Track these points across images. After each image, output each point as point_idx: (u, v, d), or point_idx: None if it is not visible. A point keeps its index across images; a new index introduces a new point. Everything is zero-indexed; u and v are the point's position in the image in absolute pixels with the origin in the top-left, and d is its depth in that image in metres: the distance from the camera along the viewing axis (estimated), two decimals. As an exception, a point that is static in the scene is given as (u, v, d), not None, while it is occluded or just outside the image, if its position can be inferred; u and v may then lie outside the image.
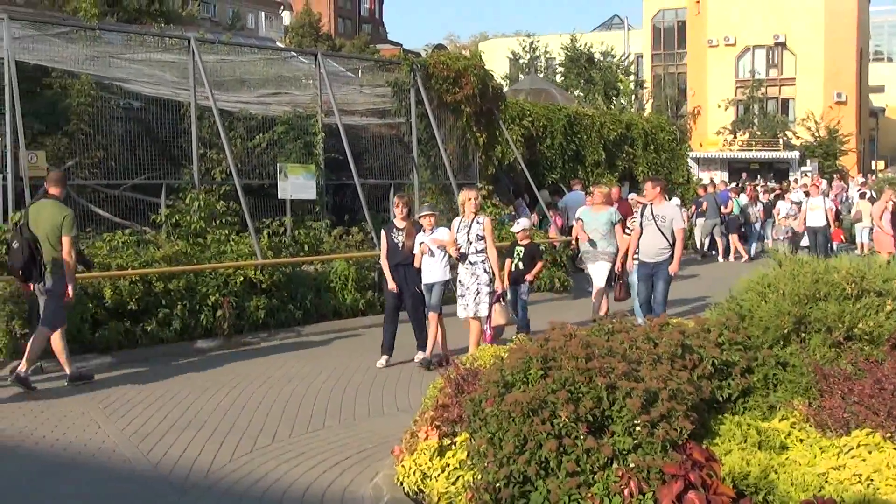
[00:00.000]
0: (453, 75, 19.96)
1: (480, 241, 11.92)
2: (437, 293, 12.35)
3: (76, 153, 16.72)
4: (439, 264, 12.36)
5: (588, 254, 15.46)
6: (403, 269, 12.51)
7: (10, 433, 9.03)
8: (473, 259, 11.92)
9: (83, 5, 24.79)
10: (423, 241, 12.34)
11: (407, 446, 7.27)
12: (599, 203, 15.56)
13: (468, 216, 12.07)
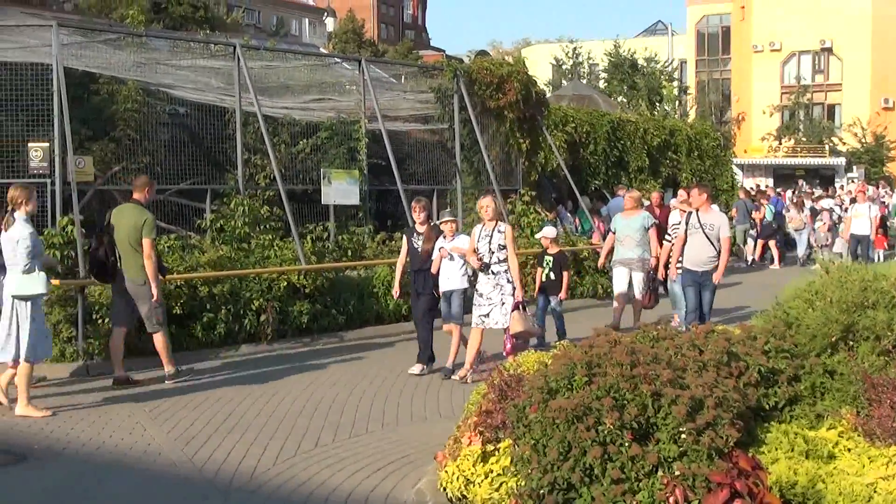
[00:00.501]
0: (497, 81, 19.95)
1: (503, 251, 11.65)
2: (458, 302, 12.19)
3: (123, 158, 16.88)
4: (458, 272, 12.21)
5: (621, 261, 15.04)
6: (423, 275, 12.38)
7: (57, 435, 9.13)
8: (496, 269, 11.64)
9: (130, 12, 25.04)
10: (442, 247, 12.19)
11: (450, 452, 7.26)
12: (631, 208, 15.25)
13: (489, 224, 11.77)
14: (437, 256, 12.15)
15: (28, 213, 10.01)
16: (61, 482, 7.78)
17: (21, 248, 9.78)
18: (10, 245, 9.88)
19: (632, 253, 14.84)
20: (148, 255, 11.18)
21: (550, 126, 22.30)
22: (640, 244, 14.83)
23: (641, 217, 15.06)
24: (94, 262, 11.40)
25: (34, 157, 13.81)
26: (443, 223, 12.40)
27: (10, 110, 15.00)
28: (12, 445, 8.78)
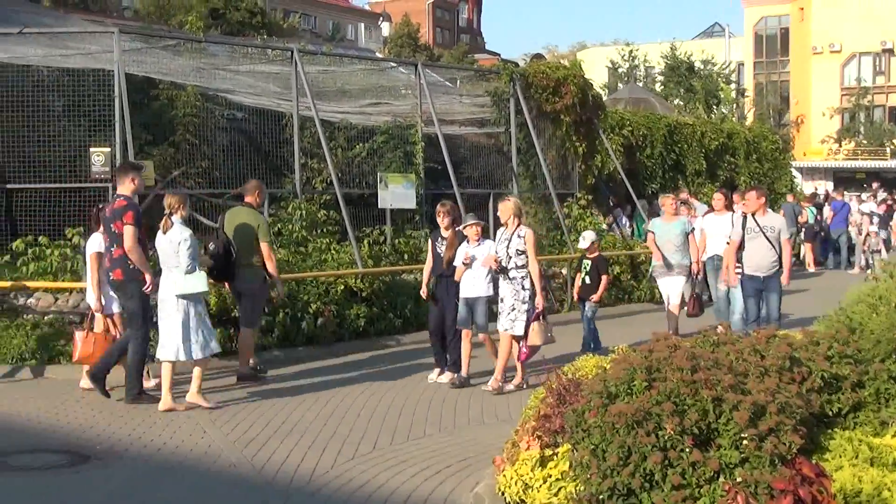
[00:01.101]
0: (553, 84, 19.93)
1: (521, 256, 11.31)
2: (482, 311, 11.68)
3: (182, 163, 17.09)
4: (483, 279, 11.64)
5: (661, 268, 14.34)
6: (444, 281, 12.01)
7: (119, 436, 9.25)
8: (513, 274, 11.33)
9: (189, 18, 25.42)
10: (466, 252, 11.69)
11: (508, 456, 7.26)
12: (671, 213, 14.69)
13: (509, 228, 11.45)
14: (461, 264, 11.68)
15: (183, 217, 10.57)
16: (123, 483, 7.89)
17: (183, 249, 10.32)
18: (171, 247, 10.37)
19: (672, 259, 14.20)
20: (268, 256, 11.78)
21: (607, 129, 22.21)
22: (679, 250, 14.18)
23: (681, 222, 14.51)
24: (214, 264, 11.70)
25: (96, 161, 14.03)
26: (466, 227, 11.85)
27: (73, 116, 15.27)
28: (75, 446, 8.91)
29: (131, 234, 10.40)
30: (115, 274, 10.61)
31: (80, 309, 12.96)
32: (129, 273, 10.51)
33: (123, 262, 10.52)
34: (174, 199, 10.57)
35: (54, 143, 15.08)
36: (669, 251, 14.17)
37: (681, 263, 14.18)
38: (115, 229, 10.52)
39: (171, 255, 10.37)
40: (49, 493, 7.63)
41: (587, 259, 13.78)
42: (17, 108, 14.97)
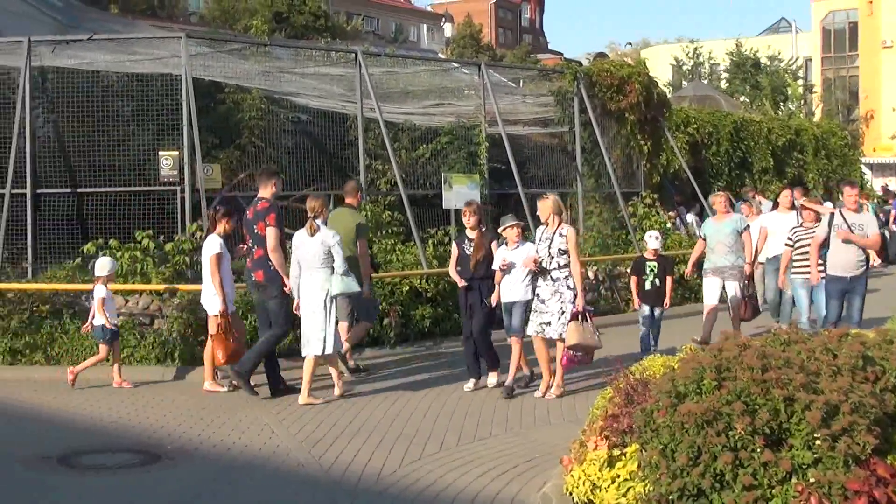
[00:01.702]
0: (617, 83, 19.82)
1: (563, 256, 10.86)
2: (519, 315, 11.18)
3: (248, 166, 17.27)
4: (521, 282, 11.17)
5: (712, 270, 13.53)
6: (474, 285, 11.48)
7: (189, 436, 9.37)
8: (556, 275, 10.87)
9: (254, 23, 25.67)
10: (504, 257, 11.22)
11: (576, 456, 7.22)
12: (722, 211, 13.76)
13: (550, 227, 11.01)
14: (499, 269, 11.21)
15: (325, 220, 10.97)
16: (193, 482, 7.98)
17: (336, 250, 10.74)
18: (321, 249, 10.73)
19: (724, 260, 13.30)
20: (362, 254, 12.01)
21: (672, 127, 22.04)
22: (732, 250, 13.30)
23: (733, 220, 13.61)
24: None
25: (165, 165, 14.25)
26: (505, 229, 11.37)
27: (142, 120, 15.51)
28: (146, 445, 9.04)
29: (274, 235, 10.88)
30: (257, 275, 11.05)
31: (149, 311, 13.16)
32: (269, 274, 10.97)
33: (265, 263, 10.97)
34: (317, 203, 10.95)
35: (123, 148, 15.37)
36: (721, 252, 13.32)
37: (734, 265, 13.32)
38: (258, 231, 10.97)
39: (318, 256, 10.71)
40: (120, 492, 7.74)
41: (650, 261, 13.24)
42: (87, 113, 15.28)
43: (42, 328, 12.96)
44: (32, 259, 13.99)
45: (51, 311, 13.08)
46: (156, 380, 12.15)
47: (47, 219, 14.89)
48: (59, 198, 15.27)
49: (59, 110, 16.13)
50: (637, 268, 13.38)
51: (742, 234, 13.43)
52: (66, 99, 15.74)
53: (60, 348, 12.86)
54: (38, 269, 14.00)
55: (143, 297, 13.26)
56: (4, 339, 12.81)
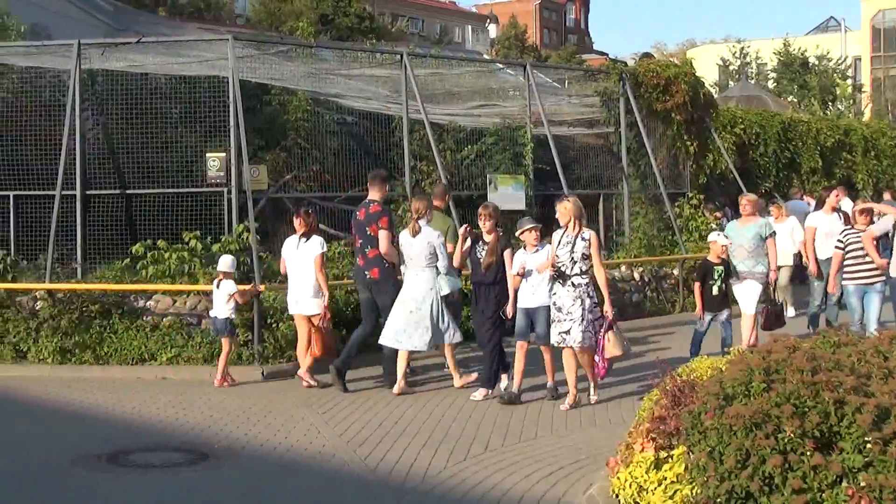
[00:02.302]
0: (663, 83, 19.71)
1: (585, 261, 10.37)
2: (544, 321, 10.69)
3: (293, 167, 17.40)
4: (544, 286, 10.70)
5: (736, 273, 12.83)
6: (485, 289, 11.13)
7: (236, 435, 9.44)
8: (577, 281, 10.35)
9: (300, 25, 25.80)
10: (524, 262, 10.78)
11: (622, 458, 7.20)
12: (747, 214, 13.02)
13: (571, 230, 10.50)
14: (517, 273, 10.78)
15: (428, 221, 11.56)
16: (240, 481, 8.04)
17: (440, 251, 11.32)
18: (427, 248, 11.32)
19: (743, 265, 12.64)
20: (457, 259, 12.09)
21: (718, 128, 21.87)
22: (753, 255, 12.59)
23: (758, 225, 12.86)
24: None
25: (212, 166, 14.37)
26: (523, 233, 10.88)
27: (189, 122, 15.64)
28: (194, 444, 9.12)
29: (387, 237, 11.53)
30: (373, 273, 11.62)
31: (197, 311, 13.28)
32: (384, 272, 11.62)
33: (380, 261, 11.58)
34: (421, 204, 11.58)
35: (171, 149, 15.53)
36: (741, 257, 12.66)
37: (752, 271, 12.60)
38: (370, 232, 11.58)
39: (424, 256, 11.31)
40: (168, 490, 7.82)
41: (718, 265, 12.48)
42: (135, 115, 15.45)
43: (91, 328, 13.12)
44: (82, 259, 14.15)
45: (100, 310, 13.23)
46: (203, 379, 12.24)
47: (96, 220, 15.06)
48: (108, 199, 15.45)
49: (108, 112, 16.33)
50: (703, 272, 12.67)
51: (766, 240, 12.74)
52: (115, 101, 15.94)
53: (109, 348, 13.01)
54: (87, 270, 14.16)
55: (191, 298, 13.38)
56: (55, 339, 12.98)
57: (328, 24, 39.66)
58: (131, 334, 13.04)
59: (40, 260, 14.19)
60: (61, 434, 9.64)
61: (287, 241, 12.18)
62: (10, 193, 15.00)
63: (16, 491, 7.74)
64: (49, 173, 14.55)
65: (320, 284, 11.68)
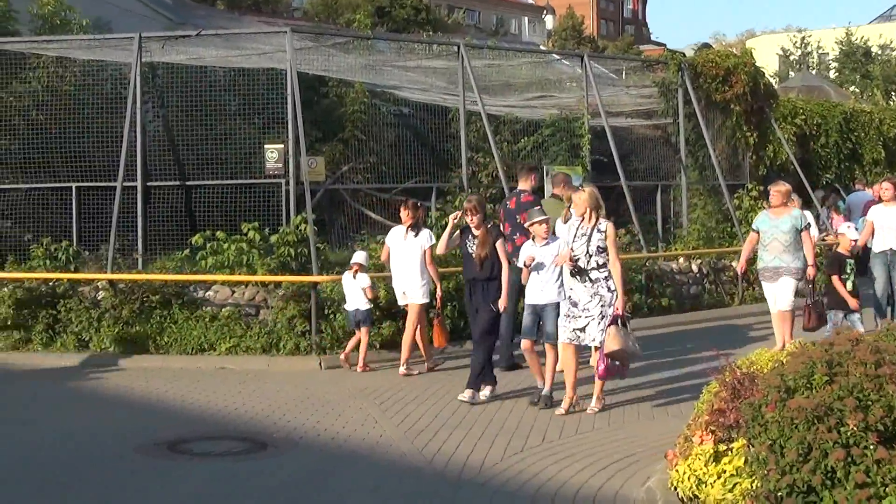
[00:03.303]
0: (722, 73, 19.50)
1: (602, 254, 9.88)
2: (553, 318, 10.14)
3: (350, 159, 17.48)
4: (553, 282, 10.22)
5: (765, 271, 12.09)
6: (480, 286, 10.63)
7: (294, 425, 9.52)
8: (595, 276, 9.85)
9: (357, 17, 25.89)
10: (532, 254, 10.24)
11: (681, 451, 7.15)
12: (779, 205, 12.18)
13: (586, 222, 9.98)
14: (524, 266, 10.29)
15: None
16: (299, 470, 8.11)
17: None
18: None
19: (778, 261, 11.89)
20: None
21: (779, 118, 21.59)
22: (788, 250, 11.85)
23: (793, 216, 12.05)
24: None
25: (270, 158, 14.47)
26: (533, 225, 10.40)
27: (248, 114, 15.77)
28: (253, 433, 9.21)
29: None
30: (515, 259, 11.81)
31: (256, 301, 13.40)
32: None
33: None
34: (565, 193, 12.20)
35: (230, 141, 15.66)
36: (776, 251, 11.88)
37: (789, 267, 11.86)
38: (521, 220, 11.58)
39: None
40: (227, 478, 7.91)
41: (849, 258, 12.02)
42: (195, 107, 15.61)
43: (152, 318, 13.29)
44: (143, 250, 14.33)
45: (160, 300, 13.40)
46: (262, 369, 12.36)
47: (157, 211, 15.24)
48: (168, 190, 15.63)
49: (168, 105, 16.54)
50: (837, 265, 12.24)
51: (803, 233, 11.97)
52: (175, 94, 16.15)
53: (169, 337, 13.18)
54: (147, 260, 14.34)
55: (249, 288, 13.51)
56: (116, 328, 13.18)
57: (384, 16, 39.70)
58: (191, 324, 13.19)
59: (102, 251, 14.38)
60: (123, 422, 9.78)
61: (393, 231, 12.42)
62: (72, 185, 15.20)
63: (79, 478, 7.88)
64: (111, 165, 14.74)
65: (432, 276, 12.04)
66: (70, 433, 9.36)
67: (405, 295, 12.12)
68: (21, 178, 15.57)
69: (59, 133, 15.39)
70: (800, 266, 11.87)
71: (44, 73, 15.92)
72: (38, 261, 14.01)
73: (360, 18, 25.98)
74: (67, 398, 10.93)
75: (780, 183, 12.92)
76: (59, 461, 8.33)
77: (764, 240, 12.04)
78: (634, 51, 64.10)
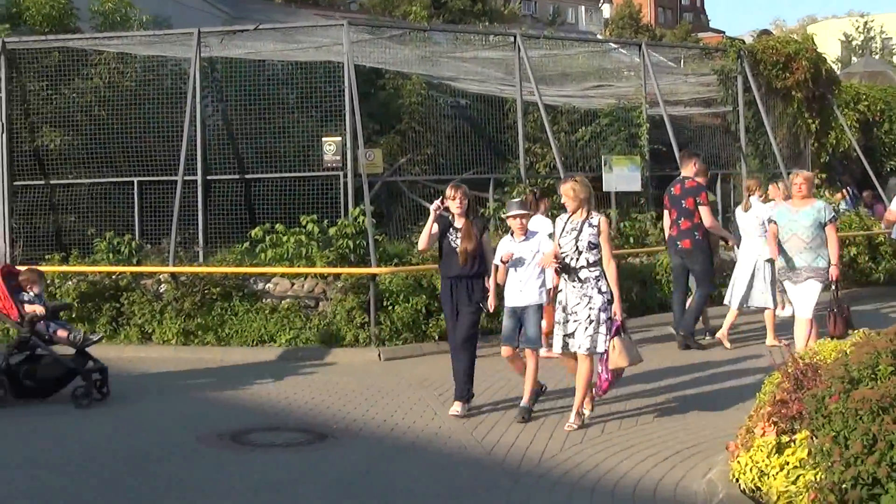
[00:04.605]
0: (783, 60, 19.26)
1: (594, 251, 8.95)
2: (535, 321, 9.36)
3: (408, 151, 17.51)
4: (534, 281, 9.39)
5: (785, 271, 11.04)
6: (464, 284, 9.56)
7: (353, 416, 9.57)
8: (585, 275, 8.93)
9: (413, 9, 25.95)
10: (510, 251, 9.42)
11: (742, 442, 7.09)
12: (802, 196, 11.09)
13: (576, 215, 9.07)
14: (501, 263, 9.49)
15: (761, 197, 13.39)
16: (359, 461, 8.16)
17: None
18: (756, 221, 13.10)
19: (799, 260, 10.84)
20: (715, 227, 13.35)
21: (841, 105, 21.26)
22: (810, 247, 10.79)
23: (815, 208, 10.94)
24: None
25: (328, 150, 14.53)
26: (509, 218, 9.61)
27: (305, 107, 15.86)
28: (313, 424, 9.29)
29: (708, 211, 12.96)
30: (684, 243, 13.03)
31: (314, 293, 13.50)
32: (695, 242, 12.97)
33: (691, 233, 12.95)
34: (753, 183, 13.82)
35: (288, 134, 15.74)
36: (796, 248, 10.84)
37: (811, 266, 10.80)
38: (686, 205, 12.92)
39: (755, 227, 13.09)
40: (288, 468, 7.97)
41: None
42: (253, 101, 15.74)
43: (213, 310, 13.44)
44: (203, 243, 14.48)
45: (221, 293, 13.54)
46: (321, 361, 12.44)
47: (217, 204, 15.38)
48: (227, 184, 15.77)
49: (227, 99, 16.68)
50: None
51: (829, 227, 10.89)
52: (234, 88, 16.28)
53: (230, 329, 13.32)
54: (208, 253, 14.49)
55: (308, 280, 13.59)
56: (178, 321, 13.34)
57: (440, 8, 39.73)
58: (251, 316, 13.31)
59: (164, 244, 14.54)
60: (185, 413, 9.91)
61: None
62: (134, 179, 15.39)
63: (143, 468, 7.99)
64: (171, 160, 14.90)
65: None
66: (131, 423, 9.50)
67: None
68: (84, 174, 15.80)
69: (121, 128, 15.59)
70: (823, 266, 10.81)
71: (105, 69, 16.11)
72: (101, 254, 14.24)
73: (417, 10, 26.08)
74: (130, 389, 11.07)
75: (804, 171, 12.20)
76: (120, 453, 8.44)
77: (782, 236, 10.99)
78: (693, 39, 63.43)
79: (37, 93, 15.91)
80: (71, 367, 10.35)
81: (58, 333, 10.42)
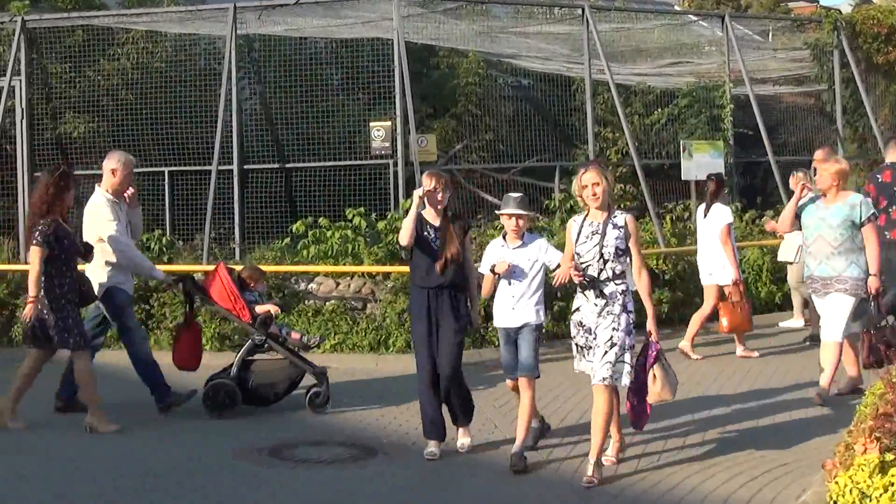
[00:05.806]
0: (885, 32, 19.07)
1: (621, 259, 7.96)
2: (530, 344, 8.42)
3: (464, 136, 17.51)
4: (529, 297, 8.44)
5: (813, 281, 10.06)
6: (444, 295, 8.56)
7: (406, 429, 9.59)
8: (610, 289, 7.92)
9: (469, -21, 25.83)
10: (503, 257, 8.45)
11: (841, 460, 6.98)
12: (830, 187, 9.94)
13: (596, 215, 8.05)
14: (489, 274, 8.55)
15: None
16: (412, 479, 8.18)
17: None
18: None
19: (826, 268, 9.86)
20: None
21: (952, 82, 20.99)
22: (840, 251, 9.78)
23: (848, 205, 9.83)
24: None
25: (376, 136, 14.56)
26: (505, 216, 8.51)
27: (351, 89, 15.92)
28: (361, 438, 9.32)
29: None
30: (893, 234, 11.78)
31: (362, 294, 13.51)
32: None
33: None
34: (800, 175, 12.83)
35: (332, 119, 15.80)
36: (823, 253, 9.86)
37: (844, 275, 9.76)
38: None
39: None
40: (331, 486, 7.99)
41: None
42: (294, 83, 15.78)
43: (251, 312, 13.51)
44: (240, 239, 14.57)
45: (260, 294, 13.62)
46: (370, 368, 12.48)
47: (254, 196, 15.48)
48: (266, 174, 15.86)
49: (265, 81, 16.80)
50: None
51: (867, 226, 9.78)
52: (273, 68, 16.40)
53: (270, 334, 13.38)
54: (245, 250, 14.57)
55: (356, 280, 13.62)
56: (212, 325, 13.42)
57: (500, -22, 39.80)
58: (293, 319, 13.33)
59: (197, 240, 14.66)
60: (222, 425, 9.95)
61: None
62: (164, 169, 15.53)
63: (178, 483, 8.05)
64: (205, 147, 15.03)
65: (727, 257, 12.66)
66: (166, 436, 9.58)
67: (712, 276, 12.92)
68: (110, 163, 15.98)
69: (150, 113, 15.73)
70: (857, 276, 9.76)
71: (133, 49, 16.27)
72: (129, 252, 14.36)
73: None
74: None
75: (833, 158, 10.96)
76: (150, 468, 8.50)
77: (807, 238, 10.09)
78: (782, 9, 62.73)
79: (59, 76, 16.11)
80: (305, 370, 10.44)
81: (292, 336, 10.72)
